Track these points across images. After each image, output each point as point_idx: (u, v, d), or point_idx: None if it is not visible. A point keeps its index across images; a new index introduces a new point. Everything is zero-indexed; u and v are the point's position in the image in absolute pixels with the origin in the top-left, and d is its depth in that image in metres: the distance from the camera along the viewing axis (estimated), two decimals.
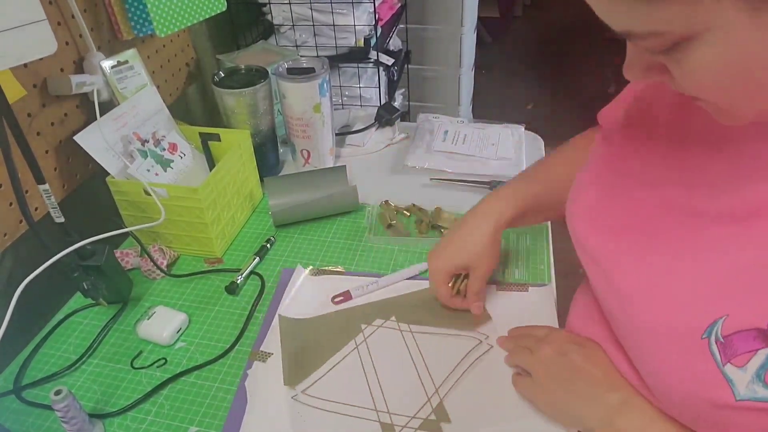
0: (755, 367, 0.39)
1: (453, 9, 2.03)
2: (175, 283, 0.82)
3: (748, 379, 0.39)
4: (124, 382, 0.68)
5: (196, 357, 0.71)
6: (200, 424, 0.63)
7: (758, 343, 0.39)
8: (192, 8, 0.96)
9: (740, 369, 0.40)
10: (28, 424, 0.64)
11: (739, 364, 0.40)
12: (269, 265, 0.85)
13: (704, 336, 0.41)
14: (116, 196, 0.83)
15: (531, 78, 3.35)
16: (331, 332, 0.71)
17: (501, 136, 1.10)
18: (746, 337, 0.40)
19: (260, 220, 0.95)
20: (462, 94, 2.24)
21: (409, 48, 1.74)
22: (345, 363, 0.67)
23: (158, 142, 0.87)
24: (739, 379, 0.40)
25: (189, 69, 1.14)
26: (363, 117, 1.20)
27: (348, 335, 0.71)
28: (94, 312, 0.78)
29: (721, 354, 0.40)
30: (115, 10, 0.88)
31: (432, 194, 0.98)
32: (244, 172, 0.93)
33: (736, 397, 0.40)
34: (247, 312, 0.76)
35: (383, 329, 0.71)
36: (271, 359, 0.69)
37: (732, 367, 0.40)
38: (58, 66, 0.82)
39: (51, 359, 0.72)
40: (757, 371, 0.39)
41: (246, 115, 0.96)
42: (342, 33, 1.29)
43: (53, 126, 0.81)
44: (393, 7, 1.50)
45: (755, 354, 0.39)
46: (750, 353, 0.39)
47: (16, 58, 0.60)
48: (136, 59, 0.91)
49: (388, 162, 1.10)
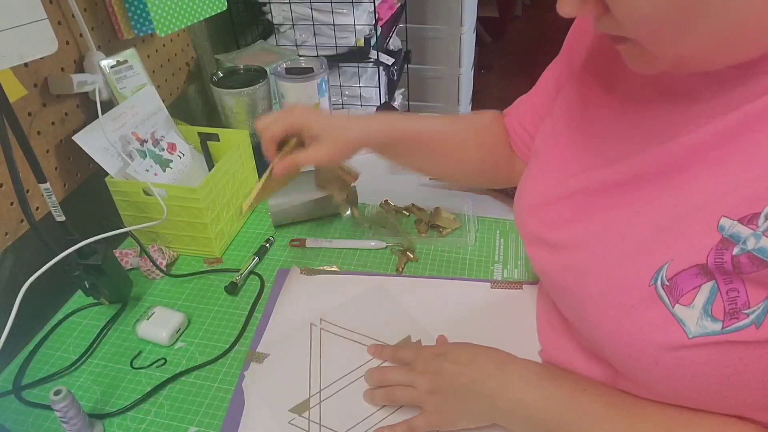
0: (701, 302, 0.41)
1: (453, 9, 2.03)
2: (174, 283, 0.82)
3: (697, 315, 0.41)
4: (123, 382, 0.68)
5: (196, 357, 0.71)
6: (200, 425, 0.63)
7: (700, 278, 0.41)
8: (192, 8, 0.96)
9: (688, 307, 0.41)
10: (28, 424, 0.64)
11: (686, 302, 0.41)
12: (269, 265, 0.85)
13: (651, 283, 0.43)
14: (115, 196, 0.83)
15: (531, 78, 3.33)
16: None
17: None
18: (689, 276, 0.41)
19: (260, 220, 0.95)
20: (462, 94, 2.23)
21: (409, 48, 1.73)
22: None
23: (157, 142, 0.87)
24: (688, 318, 0.41)
25: (188, 69, 1.14)
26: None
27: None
28: (93, 312, 0.79)
29: (669, 296, 0.42)
30: (115, 9, 0.88)
31: (431, 194, 0.98)
32: (243, 172, 0.93)
33: (688, 335, 0.41)
34: (246, 312, 0.77)
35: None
36: (268, 360, 0.69)
37: (681, 307, 0.42)
38: (59, 65, 0.82)
39: (51, 359, 0.72)
40: (704, 306, 0.41)
41: (245, 114, 0.96)
42: (342, 33, 1.29)
43: (54, 125, 0.81)
44: (393, 7, 1.50)
45: (699, 290, 0.41)
46: (695, 290, 0.41)
47: (16, 57, 0.60)
48: (136, 59, 0.91)
49: (388, 162, 1.09)
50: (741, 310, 0.39)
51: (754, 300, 0.39)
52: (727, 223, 0.39)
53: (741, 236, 0.39)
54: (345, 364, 0.68)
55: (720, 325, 0.40)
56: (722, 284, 0.40)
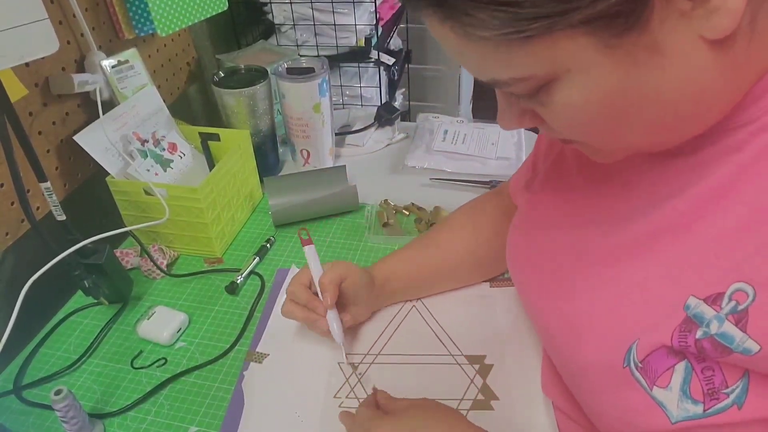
0: (678, 383, 0.38)
1: None
2: (175, 282, 0.82)
3: (676, 397, 0.38)
4: (124, 382, 0.68)
5: (196, 357, 0.71)
6: (200, 424, 0.63)
7: (672, 359, 0.39)
8: (193, 7, 0.96)
9: (666, 389, 0.39)
10: (28, 424, 0.64)
11: (662, 384, 0.39)
12: (269, 265, 0.85)
13: (625, 365, 0.41)
14: (116, 196, 0.83)
15: None
16: None
17: (501, 136, 1.10)
18: (660, 356, 0.39)
19: (260, 220, 0.95)
20: (462, 93, 2.23)
21: (410, 48, 1.73)
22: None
23: (158, 141, 0.87)
24: (669, 401, 0.39)
25: (189, 69, 1.14)
26: (363, 117, 1.20)
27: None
28: (94, 312, 0.79)
29: (645, 378, 0.40)
30: (116, 9, 0.88)
31: (432, 194, 0.98)
32: (244, 172, 0.93)
33: (671, 420, 0.39)
34: (247, 312, 0.77)
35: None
36: (267, 360, 0.69)
37: (659, 390, 0.39)
38: (60, 65, 0.82)
39: (51, 359, 0.72)
40: (681, 387, 0.38)
41: (246, 114, 0.96)
42: (343, 32, 1.29)
43: (54, 125, 0.81)
44: (394, 7, 1.50)
45: (673, 370, 0.39)
46: (669, 370, 0.39)
47: (17, 57, 0.60)
48: (137, 59, 0.91)
49: (388, 162, 1.10)
50: (719, 390, 0.37)
51: (730, 379, 0.36)
52: (693, 302, 0.37)
53: (705, 318, 0.36)
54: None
55: (701, 407, 0.37)
56: (695, 363, 0.38)
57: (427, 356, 0.68)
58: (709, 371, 0.37)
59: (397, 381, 0.65)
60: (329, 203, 0.92)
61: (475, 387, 0.64)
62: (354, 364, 0.67)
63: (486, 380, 0.65)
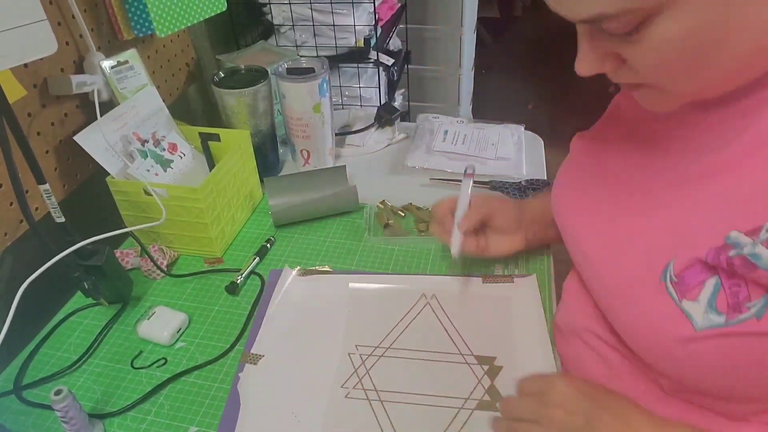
0: (706, 297, 0.43)
1: (453, 9, 2.03)
2: (175, 283, 0.82)
3: (703, 309, 0.43)
4: (124, 382, 0.68)
5: (196, 357, 0.71)
6: (200, 424, 0.63)
7: (704, 274, 0.44)
8: (192, 8, 0.96)
9: (695, 302, 0.44)
10: (28, 424, 0.64)
11: (692, 297, 0.44)
12: (269, 265, 0.85)
13: (661, 279, 0.46)
14: (116, 196, 0.83)
15: (531, 78, 3.35)
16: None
17: (501, 136, 1.10)
18: (693, 272, 0.44)
19: (260, 220, 0.95)
20: (462, 94, 2.23)
21: (409, 48, 1.73)
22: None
23: (158, 142, 0.88)
24: (695, 312, 0.44)
25: (189, 69, 1.14)
26: (363, 117, 1.20)
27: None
28: (94, 312, 0.79)
29: (677, 292, 0.45)
30: (115, 10, 0.88)
31: (432, 194, 0.97)
32: (244, 172, 0.93)
33: (695, 328, 0.44)
34: (247, 312, 0.76)
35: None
36: (262, 361, 0.69)
37: (688, 302, 0.44)
38: (58, 66, 0.82)
39: (51, 359, 0.72)
40: (708, 301, 0.43)
41: (246, 115, 0.96)
42: (342, 33, 1.29)
43: (53, 126, 0.81)
44: (393, 7, 1.50)
45: (704, 285, 0.44)
46: (699, 286, 0.44)
47: (16, 58, 0.60)
48: (136, 59, 0.91)
49: (388, 162, 1.10)
50: (743, 304, 0.42)
51: (754, 294, 0.41)
52: (734, 234, 0.41)
53: (741, 244, 0.41)
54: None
55: (724, 318, 0.42)
56: (725, 279, 0.42)
57: (436, 353, 0.69)
58: (736, 287, 0.42)
59: (404, 375, 0.66)
60: (329, 203, 0.92)
61: (482, 387, 0.64)
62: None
63: (494, 382, 0.65)
